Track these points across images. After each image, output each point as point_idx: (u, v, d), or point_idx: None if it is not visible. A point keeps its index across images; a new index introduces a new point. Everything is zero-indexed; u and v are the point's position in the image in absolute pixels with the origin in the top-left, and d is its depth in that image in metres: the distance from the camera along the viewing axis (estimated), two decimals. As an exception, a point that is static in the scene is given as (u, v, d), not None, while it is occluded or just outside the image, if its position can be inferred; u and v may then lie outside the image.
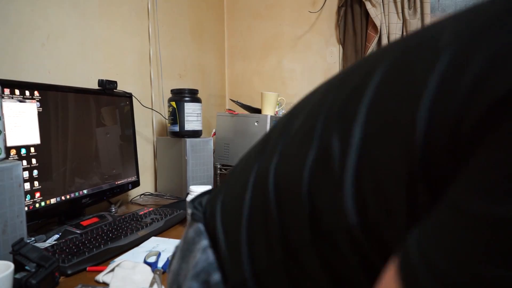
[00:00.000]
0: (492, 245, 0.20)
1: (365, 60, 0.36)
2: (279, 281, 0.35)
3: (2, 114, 0.78)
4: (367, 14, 2.01)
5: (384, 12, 1.96)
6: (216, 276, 0.37)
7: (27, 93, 0.95)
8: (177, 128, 1.51)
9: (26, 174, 0.93)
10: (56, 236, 1.00)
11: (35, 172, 0.96)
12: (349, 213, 0.29)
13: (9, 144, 0.89)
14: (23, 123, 0.93)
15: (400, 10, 1.96)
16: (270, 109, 1.74)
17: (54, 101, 1.03)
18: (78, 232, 1.01)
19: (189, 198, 1.09)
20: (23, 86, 0.95)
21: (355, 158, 0.29)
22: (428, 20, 1.92)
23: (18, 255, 0.69)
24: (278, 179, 0.35)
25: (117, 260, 0.83)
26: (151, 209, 1.24)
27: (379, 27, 1.95)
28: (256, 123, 1.67)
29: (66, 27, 1.24)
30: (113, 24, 1.45)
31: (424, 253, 0.23)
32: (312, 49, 2.24)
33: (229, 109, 1.89)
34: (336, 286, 0.32)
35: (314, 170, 0.32)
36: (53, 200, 1.02)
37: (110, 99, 1.27)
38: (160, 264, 0.82)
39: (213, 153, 1.65)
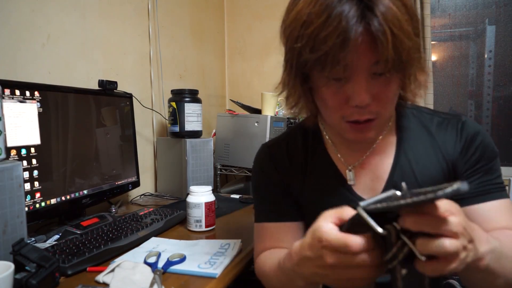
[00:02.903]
0: None
1: None
2: None
3: (3, 115, 0.78)
4: (367, 15, 2.00)
5: (384, 13, 1.96)
6: None
7: (28, 93, 0.95)
8: (177, 129, 1.51)
9: (26, 174, 0.93)
10: (56, 236, 1.00)
11: (35, 173, 0.96)
12: None
13: (9, 144, 0.89)
14: (23, 124, 0.93)
15: (400, 11, 1.95)
16: (270, 110, 1.74)
17: (54, 101, 1.03)
18: (78, 232, 1.01)
19: (189, 198, 1.09)
20: (23, 86, 0.95)
21: None
22: (429, 20, 1.92)
23: (19, 255, 0.69)
24: None
25: (117, 260, 0.83)
26: (151, 209, 1.24)
27: (379, 28, 1.95)
28: (256, 124, 1.67)
29: (66, 27, 1.24)
30: (113, 24, 1.45)
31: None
32: (312, 49, 2.23)
33: (229, 110, 1.89)
34: None
35: None
36: (53, 201, 1.02)
37: (110, 99, 1.27)
38: (160, 265, 0.82)
39: (213, 154, 1.65)
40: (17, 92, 0.93)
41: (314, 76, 0.62)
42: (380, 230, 0.42)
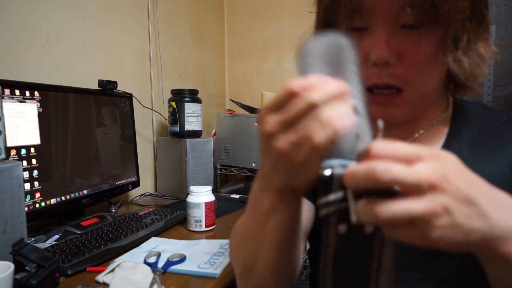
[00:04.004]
0: None
1: None
2: None
3: (2, 115, 0.78)
4: (367, 14, 2.00)
5: (384, 12, 1.95)
6: None
7: (27, 93, 0.95)
8: (177, 129, 1.51)
9: (26, 174, 0.93)
10: (56, 236, 1.00)
11: (35, 173, 0.96)
12: None
13: (9, 144, 0.89)
14: (23, 124, 0.93)
15: (400, 10, 1.95)
16: (270, 109, 1.73)
17: (54, 101, 1.03)
18: (78, 232, 1.01)
19: (189, 198, 1.09)
20: (23, 86, 0.95)
21: None
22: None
23: (18, 255, 0.69)
24: None
25: (117, 260, 0.83)
26: (151, 209, 1.24)
27: (379, 27, 1.95)
28: (256, 124, 1.67)
29: (66, 27, 1.24)
30: (113, 24, 1.45)
31: None
32: (312, 49, 2.23)
33: (229, 110, 1.89)
34: None
35: None
36: (53, 201, 1.02)
37: (110, 99, 1.27)
38: (160, 265, 0.82)
39: (213, 154, 1.65)
40: (17, 92, 0.93)
41: (336, 26, 0.51)
42: (322, 170, 0.33)
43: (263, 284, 0.52)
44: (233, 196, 1.57)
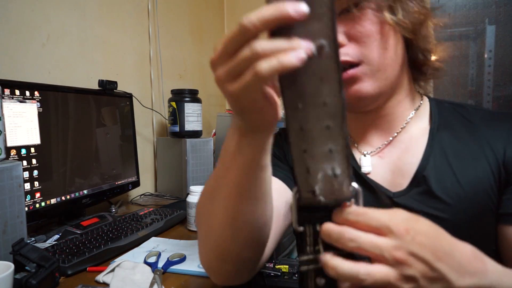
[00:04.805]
0: None
1: None
2: None
3: (2, 115, 0.78)
4: (367, 14, 2.00)
5: (384, 12, 1.95)
6: None
7: (27, 93, 0.95)
8: (177, 129, 1.51)
9: (26, 174, 0.93)
10: (56, 236, 1.00)
11: (35, 172, 0.96)
12: None
13: (9, 144, 0.89)
14: (23, 124, 0.93)
15: (400, 10, 1.94)
16: (270, 109, 1.73)
17: (54, 101, 1.03)
18: (78, 232, 1.00)
19: (189, 198, 1.09)
20: (23, 86, 0.95)
21: None
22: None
23: (18, 255, 0.69)
24: None
25: (117, 260, 0.83)
26: (151, 209, 1.24)
27: (379, 27, 1.94)
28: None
29: (66, 27, 1.24)
30: (113, 24, 1.45)
31: None
32: (312, 49, 2.22)
33: (229, 109, 1.88)
34: None
35: None
36: (53, 200, 1.02)
37: (110, 99, 1.27)
38: (160, 264, 0.82)
39: (213, 153, 1.65)
40: (17, 92, 0.93)
41: None
42: (296, 225, 0.35)
43: (221, 243, 0.48)
44: (233, 196, 1.57)
